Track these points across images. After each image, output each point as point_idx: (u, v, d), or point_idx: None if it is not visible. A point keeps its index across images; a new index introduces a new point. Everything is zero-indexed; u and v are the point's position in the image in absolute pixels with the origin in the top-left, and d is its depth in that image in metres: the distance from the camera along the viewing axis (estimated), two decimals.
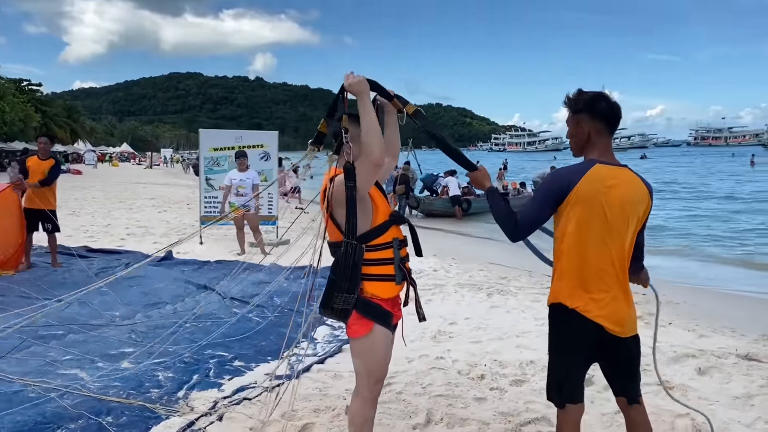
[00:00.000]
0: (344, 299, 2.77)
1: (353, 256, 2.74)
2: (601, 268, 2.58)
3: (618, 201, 2.55)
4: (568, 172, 2.60)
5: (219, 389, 4.21)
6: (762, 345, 5.63)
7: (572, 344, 2.66)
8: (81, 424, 3.54)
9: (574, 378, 2.69)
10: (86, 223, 13.48)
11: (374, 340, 2.85)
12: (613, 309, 2.61)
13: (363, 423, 2.92)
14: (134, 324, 5.78)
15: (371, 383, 2.92)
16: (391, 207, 3.02)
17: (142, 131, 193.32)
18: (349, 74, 2.79)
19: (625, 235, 2.60)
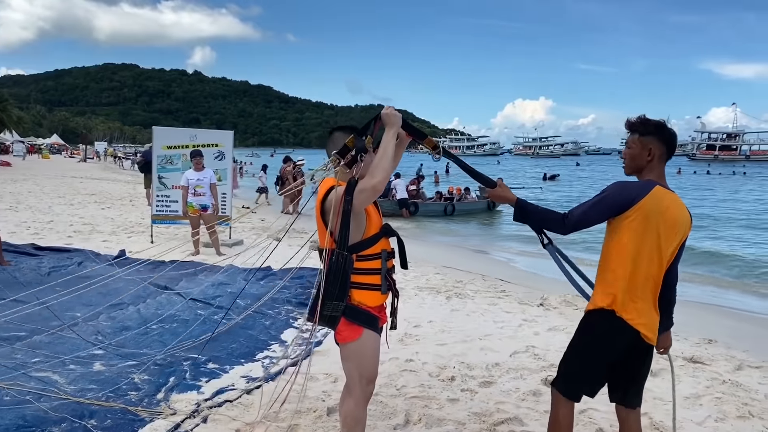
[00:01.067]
0: (333, 306, 2.91)
1: (343, 265, 2.89)
2: (648, 279, 2.82)
3: (671, 221, 2.80)
4: (635, 188, 2.83)
5: (198, 391, 4.25)
6: (704, 348, 6.05)
7: (611, 349, 2.89)
8: (65, 427, 3.54)
9: (601, 376, 2.95)
10: (27, 218, 13.02)
11: (364, 344, 3.00)
12: (651, 318, 2.87)
13: (356, 424, 3.06)
14: (99, 325, 5.71)
15: (364, 384, 3.06)
16: (383, 220, 3.16)
17: (74, 123, 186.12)
18: (389, 107, 2.98)
19: (668, 252, 2.84)
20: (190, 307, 6.50)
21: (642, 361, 2.97)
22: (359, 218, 2.93)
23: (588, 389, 3.00)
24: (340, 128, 3.19)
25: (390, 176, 2.98)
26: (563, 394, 3.00)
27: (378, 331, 3.09)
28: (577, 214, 2.91)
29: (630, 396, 3.02)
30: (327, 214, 2.94)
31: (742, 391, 4.81)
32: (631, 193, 2.82)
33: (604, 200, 2.89)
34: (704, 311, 8.54)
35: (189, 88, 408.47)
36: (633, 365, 2.96)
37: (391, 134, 2.94)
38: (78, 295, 6.50)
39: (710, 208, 26.17)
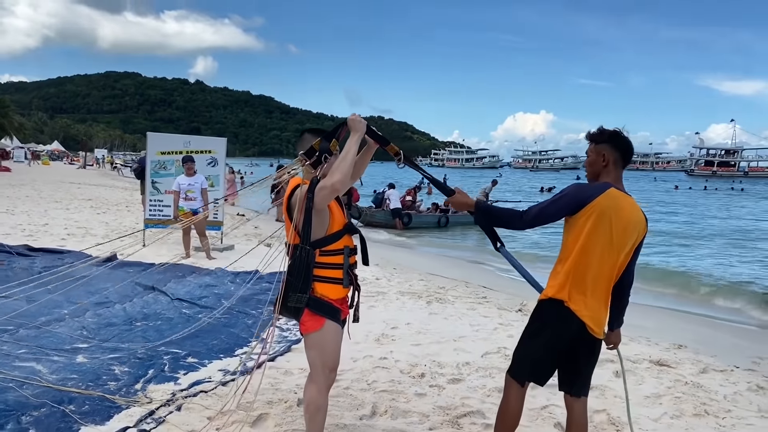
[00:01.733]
0: (297, 298, 3.09)
1: (306, 259, 3.08)
2: (599, 275, 3.01)
3: (625, 222, 2.99)
4: (591, 188, 3.03)
5: (175, 383, 4.43)
6: (672, 353, 6.23)
7: (557, 336, 3.08)
8: (44, 411, 3.71)
9: (549, 363, 3.15)
10: (23, 221, 13.21)
11: (326, 334, 3.18)
12: (598, 312, 3.06)
13: (317, 409, 3.23)
14: (85, 321, 5.88)
15: (326, 373, 3.24)
16: (347, 218, 3.36)
17: (75, 130, 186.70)
18: (355, 114, 3.21)
19: (621, 252, 3.03)
20: (175, 306, 6.68)
21: (587, 353, 3.16)
22: (322, 215, 3.12)
23: (534, 373, 3.18)
24: (310, 130, 3.39)
25: (349, 179, 3.16)
26: (512, 376, 3.19)
27: (340, 323, 3.27)
28: (534, 211, 3.11)
29: (576, 386, 3.20)
30: (292, 210, 3.14)
31: (702, 392, 4.98)
32: (587, 193, 3.02)
33: (561, 199, 3.09)
34: (679, 320, 8.74)
35: (191, 98, 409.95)
36: (578, 357, 3.15)
37: (355, 139, 3.14)
38: (66, 294, 6.71)
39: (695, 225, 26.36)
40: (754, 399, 4.92)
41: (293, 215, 3.13)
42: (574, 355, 3.14)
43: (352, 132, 3.16)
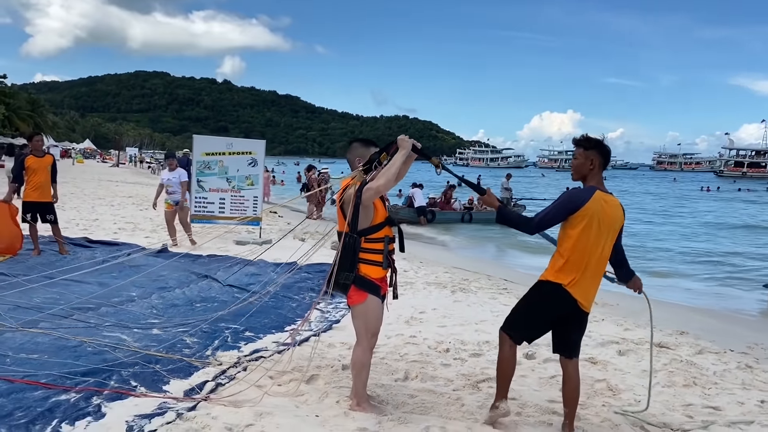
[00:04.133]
0: (346, 276, 3.90)
1: (353, 245, 3.88)
2: (589, 262, 3.74)
3: (609, 219, 3.75)
4: (582, 193, 3.77)
5: (238, 350, 5.24)
6: (674, 338, 6.89)
7: (554, 311, 3.84)
8: (137, 369, 4.54)
9: (540, 329, 3.92)
10: (75, 217, 14.22)
11: (369, 305, 3.97)
12: (588, 291, 3.80)
13: (362, 366, 4.03)
14: (152, 302, 6.73)
15: (369, 336, 4.03)
16: (388, 213, 4.14)
17: (105, 128, 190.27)
18: (404, 135, 3.99)
19: (607, 242, 3.78)
20: (227, 290, 7.51)
21: (577, 324, 3.89)
22: (367, 210, 3.91)
23: (528, 336, 3.96)
24: (358, 140, 4.26)
25: (392, 184, 3.91)
26: (506, 333, 3.94)
27: (380, 297, 4.04)
28: (539, 218, 3.87)
29: (568, 350, 3.93)
30: (345, 205, 3.93)
31: (694, 368, 5.66)
32: (580, 198, 3.76)
33: (560, 205, 3.84)
34: (688, 311, 9.36)
35: (218, 97, 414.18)
36: (570, 327, 3.89)
37: (401, 154, 3.93)
38: (131, 280, 7.60)
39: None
40: (740, 375, 5.57)
41: (345, 210, 3.92)
42: (567, 325, 3.88)
43: (401, 148, 3.94)
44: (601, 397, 4.75)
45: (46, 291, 6.83)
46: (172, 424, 3.66)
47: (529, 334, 3.96)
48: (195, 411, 3.88)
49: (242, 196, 12.09)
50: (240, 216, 12.03)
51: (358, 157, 4.09)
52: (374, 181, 3.85)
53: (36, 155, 9.39)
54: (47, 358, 4.59)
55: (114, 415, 3.73)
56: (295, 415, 3.92)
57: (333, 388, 4.47)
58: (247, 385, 4.34)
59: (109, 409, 3.81)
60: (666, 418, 4.41)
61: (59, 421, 3.57)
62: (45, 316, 5.80)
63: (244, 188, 12.10)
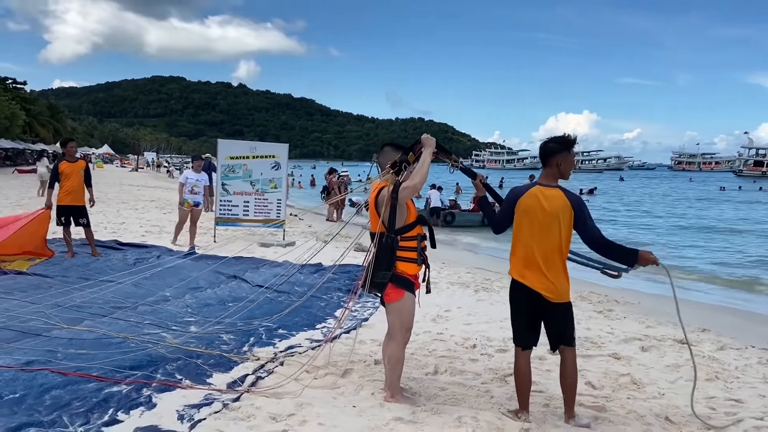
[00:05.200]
0: (383, 275, 4.08)
1: (391, 245, 4.07)
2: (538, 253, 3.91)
3: (546, 209, 3.90)
4: (519, 190, 4.04)
5: (274, 347, 5.45)
6: (696, 335, 7.01)
7: (520, 303, 4.05)
8: (181, 363, 4.76)
9: (523, 325, 4.08)
10: (102, 220, 14.53)
11: (405, 302, 4.16)
12: (548, 282, 3.92)
13: (398, 360, 4.22)
14: (186, 302, 6.97)
15: (403, 332, 4.22)
16: (418, 212, 4.33)
17: (123, 133, 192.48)
18: (427, 134, 4.20)
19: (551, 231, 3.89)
20: (256, 291, 7.73)
21: (551, 315, 4.02)
22: (402, 209, 4.10)
23: (521, 337, 4.10)
24: (390, 144, 4.47)
25: (425, 181, 4.12)
26: (513, 342, 4.17)
27: (414, 294, 4.23)
28: (497, 219, 4.18)
29: (553, 342, 4.10)
30: (379, 206, 4.13)
31: (716, 363, 5.79)
32: (515, 195, 4.04)
33: (503, 206, 4.14)
34: (711, 310, 9.45)
35: (234, 101, 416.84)
36: (547, 319, 4.05)
37: (428, 152, 4.14)
38: (163, 280, 7.85)
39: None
40: (762, 370, 5.69)
41: (379, 211, 4.11)
42: (543, 318, 4.05)
43: (426, 147, 4.15)
44: (626, 391, 4.90)
45: (85, 290, 7.08)
46: (219, 414, 3.87)
47: (520, 334, 4.11)
48: (239, 402, 4.09)
49: (266, 199, 12.34)
50: (264, 218, 12.28)
51: (390, 161, 4.28)
52: (409, 180, 4.05)
53: (69, 160, 9.69)
54: (95, 353, 4.82)
55: (164, 405, 3.95)
56: (333, 406, 4.11)
57: (367, 381, 4.66)
58: (286, 379, 4.54)
59: (160, 399, 4.03)
60: (689, 410, 4.54)
61: (115, 410, 3.79)
62: (87, 314, 6.05)
63: (268, 191, 12.35)
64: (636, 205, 40.19)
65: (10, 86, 70.69)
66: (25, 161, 58.72)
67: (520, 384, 4.13)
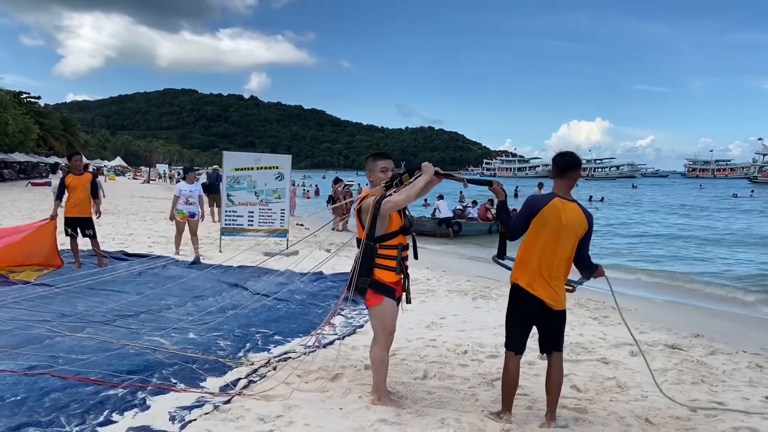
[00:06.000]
0: (362, 281, 4.25)
1: (370, 252, 4.24)
2: (543, 263, 4.05)
3: (565, 223, 4.01)
4: (539, 199, 4.11)
5: (268, 352, 5.62)
6: (688, 340, 7.09)
7: (521, 309, 4.16)
8: (177, 368, 4.93)
9: (519, 330, 4.20)
10: (110, 232, 14.79)
11: (385, 307, 4.31)
12: (551, 291, 4.08)
13: (381, 363, 4.38)
14: (188, 309, 7.15)
15: (385, 335, 4.37)
16: (404, 222, 4.44)
17: (135, 146, 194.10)
18: (428, 163, 4.34)
19: (566, 246, 4.04)
20: (256, 299, 7.89)
21: (550, 322, 4.16)
22: (383, 220, 4.26)
23: (517, 342, 4.21)
24: (372, 154, 4.61)
25: (411, 200, 4.25)
26: (505, 346, 4.28)
27: (395, 300, 4.36)
28: (512, 225, 4.26)
29: (545, 346, 4.24)
30: (362, 213, 4.30)
31: (704, 368, 5.88)
32: (537, 204, 4.11)
33: (521, 212, 4.21)
34: (707, 315, 9.52)
35: (245, 113, 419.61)
36: (544, 325, 4.19)
37: (423, 179, 4.28)
38: (167, 289, 8.05)
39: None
40: (749, 373, 5.78)
41: (362, 218, 4.28)
42: (542, 324, 4.18)
43: (423, 173, 4.30)
44: (610, 393, 5.01)
45: (89, 300, 7.31)
46: (209, 415, 4.04)
47: (516, 339, 4.22)
48: (230, 404, 4.26)
49: (270, 209, 12.55)
50: (268, 228, 12.48)
51: (367, 171, 4.54)
52: (395, 195, 4.21)
53: (75, 173, 9.94)
54: (95, 359, 5.00)
55: (157, 407, 4.13)
56: (320, 408, 4.26)
57: (356, 385, 4.81)
58: (277, 383, 4.70)
59: (153, 402, 4.21)
60: (671, 411, 4.65)
61: (110, 412, 3.98)
62: (89, 322, 6.25)
63: (272, 201, 12.56)
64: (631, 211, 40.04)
65: (24, 100, 71.72)
66: (39, 174, 59.50)
67: (509, 387, 4.27)
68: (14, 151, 56.04)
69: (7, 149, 53.63)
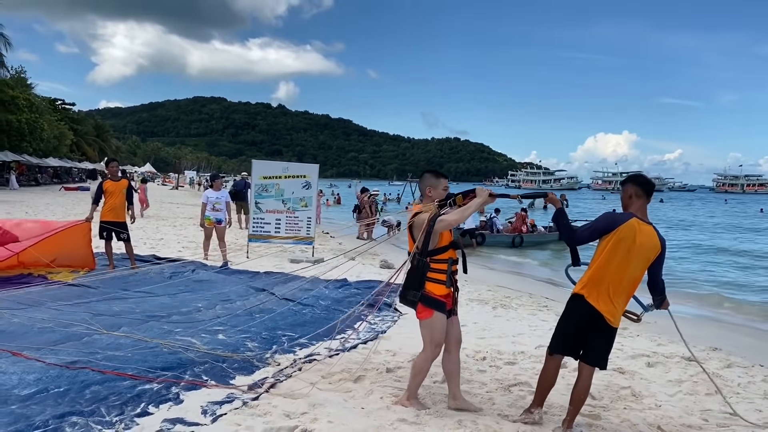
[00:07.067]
0: (413, 294, 4.43)
1: (422, 267, 4.41)
2: (614, 280, 4.14)
3: (639, 245, 4.09)
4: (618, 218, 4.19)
5: (294, 354, 5.85)
6: (706, 353, 7.17)
7: (578, 318, 4.27)
8: (208, 366, 5.19)
9: (570, 338, 4.33)
10: (142, 236, 15.23)
11: (434, 320, 4.46)
12: (613, 308, 4.18)
13: (420, 370, 4.57)
14: (217, 312, 7.43)
15: (433, 347, 4.52)
16: (453, 237, 4.61)
17: (165, 152, 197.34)
18: (482, 187, 4.59)
19: (637, 266, 4.13)
20: (282, 304, 8.15)
21: (602, 336, 4.26)
22: (435, 236, 4.42)
23: (563, 348, 4.36)
24: (429, 170, 4.80)
25: (462, 221, 4.49)
26: (548, 348, 4.41)
27: (445, 312, 4.50)
28: (580, 233, 4.36)
29: (589, 357, 4.32)
30: (413, 228, 4.51)
31: (719, 380, 5.97)
32: (615, 221, 4.21)
33: (596, 224, 4.30)
34: (726, 330, 9.54)
35: (273, 121, 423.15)
36: (596, 337, 4.28)
37: (477, 202, 4.51)
38: (197, 294, 8.34)
39: None
40: (764, 387, 5.87)
41: (413, 233, 4.49)
42: (594, 335, 4.27)
43: (478, 197, 4.52)
44: (624, 402, 5.15)
45: (123, 300, 7.64)
46: (239, 410, 4.29)
47: (565, 348, 4.36)
48: (258, 401, 4.50)
49: (296, 217, 12.83)
50: (294, 236, 12.78)
51: (429, 186, 4.66)
52: (449, 215, 4.41)
53: (113, 179, 10.34)
54: (130, 356, 5.29)
55: (190, 401, 4.39)
56: (343, 407, 4.48)
57: (378, 387, 5.03)
58: (302, 382, 4.93)
59: (186, 396, 4.47)
60: (683, 420, 4.79)
61: (146, 404, 4.25)
62: (124, 321, 6.56)
63: (299, 209, 12.84)
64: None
65: (59, 107, 73.50)
66: (72, 179, 60.82)
67: (546, 386, 4.44)
68: (49, 156, 57.46)
69: (42, 154, 55.00)
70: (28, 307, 6.96)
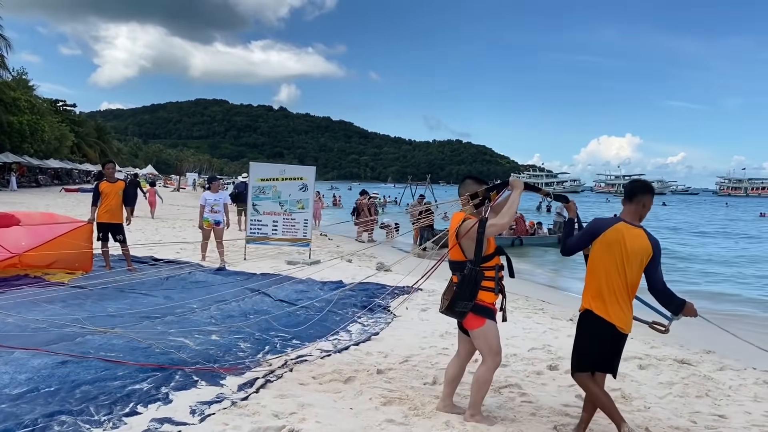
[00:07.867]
0: (464, 305, 4.25)
1: (476, 277, 4.20)
2: (612, 288, 4.05)
3: (629, 248, 4.02)
4: (604, 222, 4.15)
5: (286, 355, 5.87)
6: (699, 356, 7.19)
7: (600, 339, 4.16)
8: (199, 366, 5.22)
9: (592, 357, 4.22)
10: (140, 237, 15.27)
11: (487, 329, 4.35)
12: (622, 315, 4.11)
13: (485, 381, 4.44)
14: (211, 313, 7.46)
15: (492, 355, 4.41)
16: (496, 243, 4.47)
17: (166, 154, 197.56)
18: (516, 177, 4.48)
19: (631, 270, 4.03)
20: (278, 305, 8.19)
21: (617, 345, 4.21)
22: (485, 242, 4.25)
23: (587, 364, 4.23)
24: (471, 177, 4.62)
25: (511, 221, 4.36)
26: (578, 371, 4.26)
27: (494, 319, 4.40)
28: (568, 242, 4.35)
29: (606, 368, 4.26)
30: (460, 236, 4.29)
31: (711, 382, 6.00)
32: (600, 226, 4.17)
33: (584, 232, 4.28)
34: (718, 331, 9.51)
35: (274, 123, 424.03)
36: (612, 348, 4.22)
37: (517, 193, 4.37)
38: (191, 294, 8.37)
39: None
40: (755, 389, 5.88)
41: (460, 241, 4.29)
42: (613, 346, 4.20)
43: (515, 188, 4.40)
44: None
45: (118, 301, 7.66)
46: (227, 410, 4.32)
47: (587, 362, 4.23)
48: (247, 401, 4.53)
49: (293, 218, 12.88)
50: (291, 237, 12.81)
51: (469, 193, 4.47)
52: (498, 218, 4.25)
53: (109, 181, 10.38)
54: (122, 356, 5.32)
55: (179, 401, 4.42)
56: (332, 407, 4.51)
57: (367, 388, 5.05)
58: (293, 383, 4.96)
59: (176, 396, 4.50)
60: (671, 422, 4.80)
61: (135, 404, 4.28)
62: (118, 322, 6.59)
63: (296, 211, 12.89)
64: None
65: (60, 108, 73.74)
66: (72, 181, 60.94)
67: (603, 404, 4.23)
68: (49, 157, 57.65)
69: (43, 155, 55.19)
70: (24, 308, 7.00)
